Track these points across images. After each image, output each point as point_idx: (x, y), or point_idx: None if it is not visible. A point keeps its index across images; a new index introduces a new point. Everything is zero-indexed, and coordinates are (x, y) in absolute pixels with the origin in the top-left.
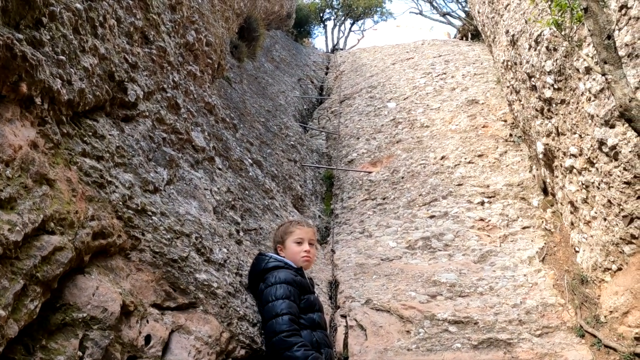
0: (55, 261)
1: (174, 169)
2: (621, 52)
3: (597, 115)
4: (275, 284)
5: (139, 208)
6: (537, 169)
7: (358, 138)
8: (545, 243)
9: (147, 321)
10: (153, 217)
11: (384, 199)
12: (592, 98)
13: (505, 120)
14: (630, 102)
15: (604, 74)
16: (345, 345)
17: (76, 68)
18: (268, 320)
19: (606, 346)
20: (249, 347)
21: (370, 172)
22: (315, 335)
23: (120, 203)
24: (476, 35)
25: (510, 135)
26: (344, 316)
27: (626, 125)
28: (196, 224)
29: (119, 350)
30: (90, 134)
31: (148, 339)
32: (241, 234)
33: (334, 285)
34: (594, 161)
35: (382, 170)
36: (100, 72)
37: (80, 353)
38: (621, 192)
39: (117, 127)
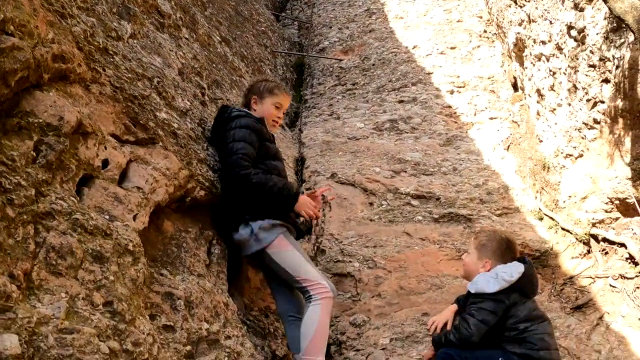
0: (13, 57)
1: (138, 26)
2: None
3: None
4: (235, 128)
5: (101, 46)
6: (508, 65)
7: (331, 27)
8: (511, 134)
9: (105, 147)
10: (115, 57)
11: (353, 84)
12: None
13: (481, 17)
14: None
15: None
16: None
17: None
18: (227, 159)
19: (563, 229)
20: (209, 190)
21: (341, 60)
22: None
23: (82, 37)
24: None
25: (485, 31)
26: (308, 189)
27: (595, 8)
28: (159, 73)
29: (75, 164)
30: None
31: (105, 163)
32: (207, 98)
33: (300, 161)
34: (562, 46)
35: (354, 57)
36: None
37: (34, 154)
38: (586, 75)
39: None
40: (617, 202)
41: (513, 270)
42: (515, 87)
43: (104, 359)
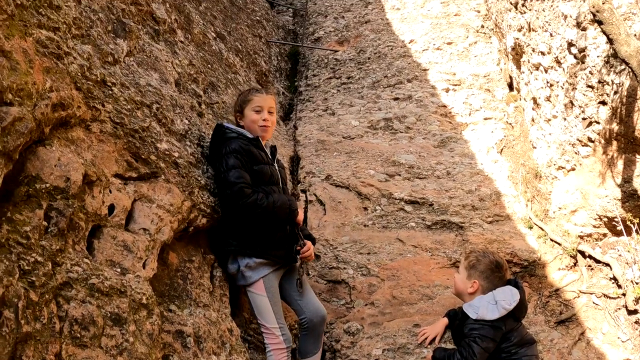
0: (15, 131)
1: (134, 41)
2: None
3: (571, 16)
4: (225, 154)
5: (99, 79)
6: (505, 63)
7: (326, 16)
8: (505, 136)
9: (110, 191)
10: (113, 88)
11: (348, 78)
12: None
13: (479, 11)
14: (603, 4)
15: None
16: (305, 219)
17: None
18: (227, 189)
19: (552, 240)
20: (210, 216)
21: (336, 51)
22: None
23: (79, 74)
24: None
25: (482, 26)
26: (304, 191)
27: (597, 29)
28: (157, 95)
29: (84, 219)
30: (45, 5)
31: (112, 208)
32: (203, 106)
33: (295, 160)
34: (562, 61)
35: (349, 49)
36: None
37: (45, 223)
38: (584, 94)
39: None
40: (605, 219)
41: (511, 298)
42: (510, 86)
43: None
